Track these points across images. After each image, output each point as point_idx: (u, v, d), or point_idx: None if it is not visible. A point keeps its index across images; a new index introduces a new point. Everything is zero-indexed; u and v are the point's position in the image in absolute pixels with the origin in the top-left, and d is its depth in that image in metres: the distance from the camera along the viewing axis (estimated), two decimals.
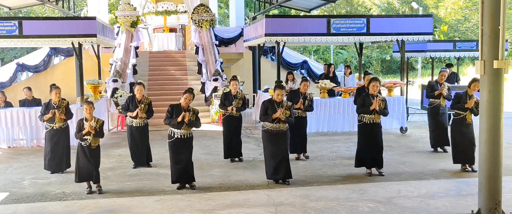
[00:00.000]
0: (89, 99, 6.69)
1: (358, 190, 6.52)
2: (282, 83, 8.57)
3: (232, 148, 8.66)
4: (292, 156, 8.30)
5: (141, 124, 8.25)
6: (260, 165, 8.37)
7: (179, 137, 6.76)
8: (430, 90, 9.31)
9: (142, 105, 8.11)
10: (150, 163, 8.43)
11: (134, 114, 8.10)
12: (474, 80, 7.71)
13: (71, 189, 6.96)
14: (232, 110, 8.49)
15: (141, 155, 8.34)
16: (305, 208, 5.79)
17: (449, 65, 13.68)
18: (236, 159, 8.72)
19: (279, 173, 7.02)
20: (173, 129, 6.78)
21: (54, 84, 8.19)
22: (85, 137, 6.68)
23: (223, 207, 5.85)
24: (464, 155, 7.81)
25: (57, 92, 7.92)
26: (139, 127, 8.25)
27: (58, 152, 7.94)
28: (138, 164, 8.32)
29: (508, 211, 5.35)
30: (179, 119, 6.65)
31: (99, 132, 6.74)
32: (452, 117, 8.23)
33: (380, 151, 7.59)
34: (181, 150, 6.80)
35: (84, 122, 6.71)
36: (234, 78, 8.90)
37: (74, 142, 9.94)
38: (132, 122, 8.24)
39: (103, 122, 6.87)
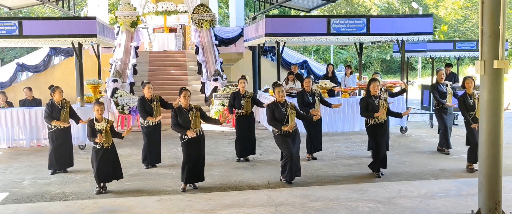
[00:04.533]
0: (100, 100, 6.74)
1: (358, 190, 6.52)
2: (278, 82, 8.70)
3: (245, 147, 8.69)
4: (303, 156, 8.41)
5: (156, 122, 8.30)
6: (260, 165, 8.38)
7: (189, 137, 6.75)
8: (438, 94, 9.26)
9: (155, 103, 8.16)
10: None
11: (158, 119, 8.17)
12: (466, 78, 7.88)
13: (71, 189, 6.97)
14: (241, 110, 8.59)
15: (157, 154, 8.41)
16: (305, 208, 5.79)
17: (448, 65, 13.67)
18: (242, 158, 8.73)
19: (293, 173, 7.05)
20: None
21: (53, 85, 8.19)
22: (96, 141, 6.71)
23: (223, 207, 5.85)
24: (477, 154, 7.74)
25: (60, 92, 7.97)
26: (155, 125, 8.29)
27: (61, 152, 7.98)
28: (153, 163, 8.36)
29: (508, 211, 5.35)
30: (190, 135, 6.65)
31: (114, 134, 6.85)
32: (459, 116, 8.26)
33: (384, 152, 7.62)
34: (195, 148, 6.80)
35: (95, 122, 6.74)
36: (243, 77, 8.92)
37: (75, 142, 10.02)
38: (148, 122, 8.24)
39: (113, 121, 6.95)
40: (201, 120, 6.92)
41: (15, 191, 6.94)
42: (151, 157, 8.35)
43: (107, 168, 6.82)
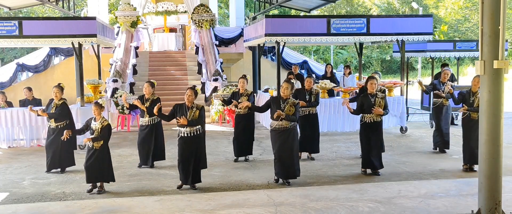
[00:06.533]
0: (99, 101, 6.64)
1: (358, 190, 6.52)
2: (291, 80, 8.66)
3: (241, 146, 8.63)
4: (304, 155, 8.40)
5: (147, 123, 8.20)
6: (260, 165, 8.38)
7: (184, 135, 6.75)
8: (431, 88, 9.30)
9: (148, 103, 8.10)
10: (153, 163, 8.36)
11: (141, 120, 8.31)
12: (475, 76, 7.83)
13: (71, 189, 6.97)
14: (235, 106, 8.51)
15: (145, 155, 8.28)
16: (305, 208, 5.79)
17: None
18: (242, 158, 8.71)
19: (281, 172, 6.98)
20: (178, 128, 6.80)
21: (59, 84, 8.20)
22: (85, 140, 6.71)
23: (223, 207, 5.85)
24: (472, 155, 7.76)
25: (54, 92, 7.98)
26: (148, 125, 8.20)
27: (51, 151, 7.95)
28: (142, 163, 8.32)
29: (508, 211, 5.35)
30: (181, 122, 6.67)
31: (99, 136, 6.64)
32: (459, 116, 8.29)
33: (379, 152, 7.60)
34: (188, 148, 6.78)
35: (92, 121, 6.74)
36: (243, 76, 8.86)
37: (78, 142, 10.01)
38: (142, 121, 8.27)
39: (108, 124, 6.74)
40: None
41: (15, 191, 6.94)
42: (140, 156, 8.31)
43: (93, 168, 6.67)
